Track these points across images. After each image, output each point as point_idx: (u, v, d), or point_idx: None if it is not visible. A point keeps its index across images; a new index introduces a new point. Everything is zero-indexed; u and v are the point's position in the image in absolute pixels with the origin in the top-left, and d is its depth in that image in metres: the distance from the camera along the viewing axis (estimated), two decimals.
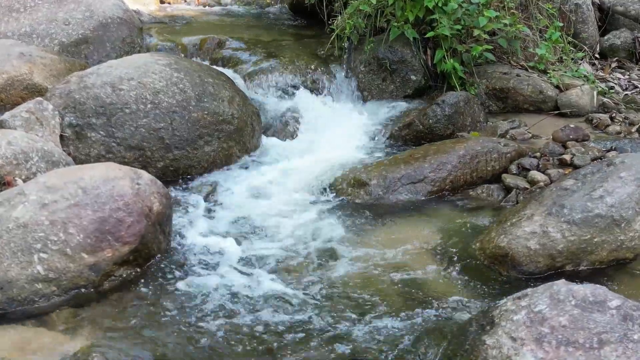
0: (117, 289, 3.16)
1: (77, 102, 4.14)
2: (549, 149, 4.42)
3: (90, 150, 4.09)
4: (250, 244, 3.65)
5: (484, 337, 2.53)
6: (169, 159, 4.20)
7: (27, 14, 5.31)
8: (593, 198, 3.41)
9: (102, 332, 2.87)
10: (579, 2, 6.19)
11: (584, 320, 2.44)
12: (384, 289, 3.24)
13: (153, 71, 4.32)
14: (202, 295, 3.15)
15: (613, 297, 2.53)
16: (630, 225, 3.35)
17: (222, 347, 2.82)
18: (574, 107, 5.18)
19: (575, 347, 2.37)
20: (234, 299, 3.14)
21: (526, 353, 2.39)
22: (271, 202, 4.10)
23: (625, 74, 6.10)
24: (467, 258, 3.50)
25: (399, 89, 5.34)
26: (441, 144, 4.48)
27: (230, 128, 4.43)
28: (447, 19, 5.08)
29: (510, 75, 5.32)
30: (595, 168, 3.65)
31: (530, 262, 3.33)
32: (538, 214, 3.45)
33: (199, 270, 3.37)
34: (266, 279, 3.32)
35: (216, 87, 4.49)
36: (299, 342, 2.85)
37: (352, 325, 2.95)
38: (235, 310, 3.05)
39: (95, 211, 3.16)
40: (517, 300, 2.61)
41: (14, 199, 3.16)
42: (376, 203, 4.06)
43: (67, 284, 3.06)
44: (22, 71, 4.48)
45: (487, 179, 4.27)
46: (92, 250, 3.11)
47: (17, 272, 2.99)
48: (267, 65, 5.35)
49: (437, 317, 3.02)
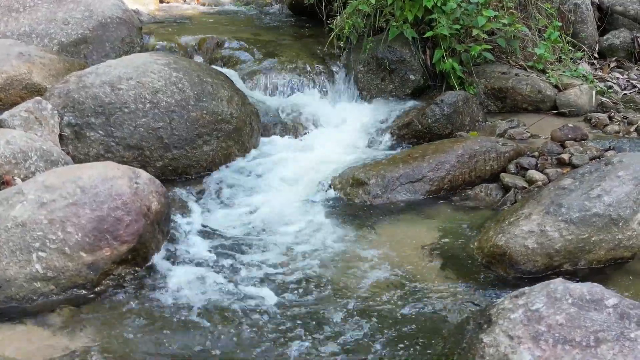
0: (116, 288, 3.16)
1: (76, 102, 4.14)
2: (548, 149, 4.42)
3: (89, 150, 4.09)
4: (248, 243, 3.65)
5: (481, 336, 2.54)
6: (167, 159, 4.20)
7: (27, 14, 5.32)
8: (591, 197, 3.42)
9: (100, 330, 2.87)
10: (578, 2, 6.19)
11: (580, 318, 2.44)
12: (381, 288, 3.25)
13: (152, 71, 4.32)
14: (201, 294, 3.16)
15: (610, 295, 2.53)
16: (628, 224, 3.36)
17: (221, 345, 2.83)
18: (573, 106, 5.19)
19: (572, 345, 2.37)
20: (232, 298, 3.14)
21: (523, 351, 2.40)
22: (269, 202, 4.11)
23: (624, 73, 6.11)
24: (465, 257, 3.51)
25: (398, 88, 5.35)
26: (440, 143, 4.48)
27: (229, 127, 4.44)
28: (446, 18, 5.08)
29: (509, 75, 5.32)
30: (593, 167, 3.66)
31: (528, 261, 3.34)
32: (536, 213, 3.46)
33: (198, 269, 3.37)
34: (264, 278, 3.32)
35: (215, 87, 4.49)
36: (296, 340, 2.85)
37: (350, 325, 2.95)
38: (233, 310, 3.05)
39: (93, 210, 3.17)
40: (514, 298, 2.62)
41: (13, 198, 3.17)
42: (375, 202, 4.07)
43: (66, 282, 3.07)
44: (21, 71, 4.49)
45: (486, 178, 4.28)
46: (91, 249, 3.11)
47: (15, 271, 3.00)
48: (266, 64, 5.36)
49: (435, 315, 3.03)
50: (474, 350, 2.52)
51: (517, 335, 2.45)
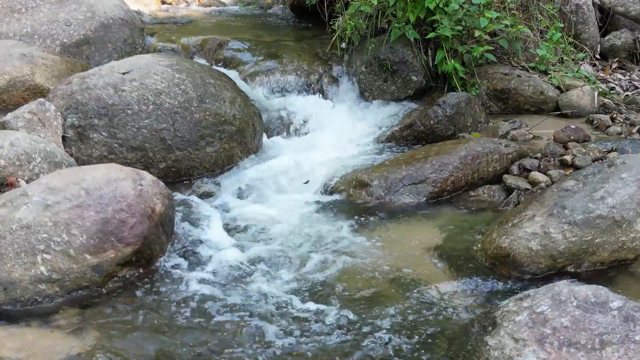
0: (120, 290, 3.17)
1: (79, 103, 4.14)
2: (550, 150, 4.43)
3: (92, 151, 4.10)
4: (251, 245, 3.66)
5: (486, 338, 2.54)
6: (171, 160, 4.21)
7: (29, 15, 5.32)
8: (594, 199, 3.42)
9: (105, 332, 2.87)
10: (579, 3, 6.19)
11: (585, 321, 2.45)
12: (385, 290, 3.25)
13: (155, 72, 4.32)
14: (204, 296, 3.16)
15: (614, 298, 2.54)
16: (631, 226, 3.36)
17: (225, 347, 2.83)
18: (575, 107, 5.19)
19: (577, 348, 2.38)
20: (235, 299, 3.15)
21: (528, 354, 2.40)
22: (272, 203, 4.11)
23: (626, 74, 6.11)
24: (468, 259, 3.51)
25: (400, 89, 5.35)
26: (442, 144, 4.48)
27: (231, 129, 4.44)
28: (448, 19, 5.09)
29: (511, 76, 5.32)
30: (596, 169, 3.66)
31: (531, 263, 3.34)
32: (539, 214, 3.46)
33: (201, 270, 3.38)
34: (267, 279, 3.33)
35: (218, 88, 4.50)
36: (298, 341, 2.85)
37: (353, 326, 2.96)
38: (236, 310, 3.06)
39: (98, 212, 3.17)
40: (519, 301, 2.63)
41: (17, 200, 3.17)
42: (377, 204, 4.07)
43: (70, 284, 3.07)
44: (23, 72, 4.49)
45: (488, 179, 4.28)
46: (95, 251, 3.12)
47: (20, 273, 3.00)
48: (269, 66, 5.37)
49: (439, 318, 3.03)
50: (478, 353, 2.53)
51: (522, 338, 2.45)
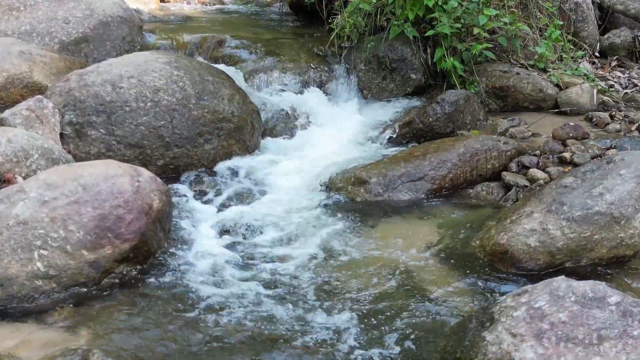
0: (117, 286, 3.16)
1: (77, 100, 4.14)
2: (549, 147, 4.42)
3: (90, 148, 4.09)
4: (248, 242, 3.65)
5: (483, 334, 2.54)
6: (169, 157, 4.20)
7: (27, 13, 5.32)
8: (593, 195, 3.41)
9: (102, 329, 2.87)
10: (578, 1, 6.19)
11: (583, 316, 2.44)
12: (384, 286, 3.24)
13: (153, 69, 4.32)
14: (202, 292, 3.15)
15: (612, 293, 2.53)
16: (629, 222, 3.36)
17: (222, 343, 2.82)
18: (574, 105, 5.19)
19: (575, 343, 2.37)
20: (233, 296, 3.14)
21: (526, 349, 2.40)
22: (271, 200, 4.10)
23: (625, 72, 6.11)
24: (467, 255, 3.50)
25: (399, 87, 5.34)
26: (441, 142, 4.48)
27: (230, 126, 4.43)
28: (447, 17, 5.08)
29: (510, 74, 5.32)
30: (595, 166, 3.65)
31: (530, 259, 3.33)
32: (538, 211, 3.45)
33: (199, 267, 3.37)
34: (265, 277, 3.32)
35: (216, 85, 4.49)
36: (297, 339, 2.85)
37: (352, 323, 2.95)
38: (234, 307, 3.05)
39: (95, 208, 3.16)
40: (516, 296, 2.62)
41: (14, 196, 3.16)
42: (376, 201, 4.06)
43: (67, 281, 3.06)
44: (22, 69, 4.49)
45: (487, 176, 4.28)
46: (92, 247, 3.11)
47: (17, 269, 2.99)
48: (267, 63, 5.36)
49: (437, 313, 3.02)
50: (476, 348, 2.52)
51: (519, 333, 2.45)
